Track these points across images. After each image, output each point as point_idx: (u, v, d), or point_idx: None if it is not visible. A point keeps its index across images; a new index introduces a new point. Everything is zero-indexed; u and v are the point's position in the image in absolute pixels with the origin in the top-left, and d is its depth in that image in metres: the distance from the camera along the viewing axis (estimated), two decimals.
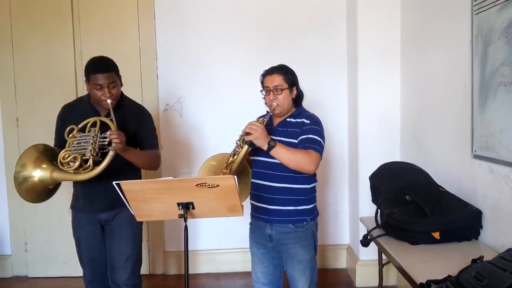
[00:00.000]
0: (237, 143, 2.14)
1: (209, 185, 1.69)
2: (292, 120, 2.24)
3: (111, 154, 2.09)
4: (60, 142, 2.28)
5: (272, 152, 2.05)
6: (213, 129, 3.68)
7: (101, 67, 2.19)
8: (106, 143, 2.11)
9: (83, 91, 3.43)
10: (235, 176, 1.66)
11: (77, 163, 2.10)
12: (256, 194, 2.25)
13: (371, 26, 3.26)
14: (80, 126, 2.19)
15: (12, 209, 3.71)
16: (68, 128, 2.19)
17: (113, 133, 2.08)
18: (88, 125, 2.19)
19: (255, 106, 2.57)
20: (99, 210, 2.33)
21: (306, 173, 2.14)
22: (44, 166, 2.11)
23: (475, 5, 2.15)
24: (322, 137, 2.19)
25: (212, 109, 3.68)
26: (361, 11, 3.27)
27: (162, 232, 3.73)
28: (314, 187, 2.28)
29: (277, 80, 2.19)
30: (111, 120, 2.15)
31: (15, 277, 3.76)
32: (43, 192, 2.17)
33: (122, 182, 1.74)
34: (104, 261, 2.40)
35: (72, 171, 2.10)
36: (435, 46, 2.69)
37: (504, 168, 1.95)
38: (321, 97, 3.59)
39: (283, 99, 2.19)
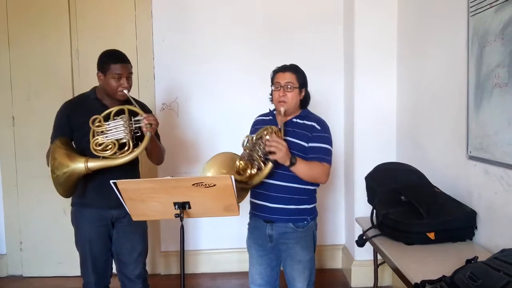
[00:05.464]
0: (257, 158, 2.10)
1: (206, 184, 1.69)
2: (299, 121, 2.24)
3: (148, 135, 2.19)
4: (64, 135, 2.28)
5: (293, 168, 2.07)
6: (210, 128, 3.68)
7: (121, 58, 2.28)
8: (139, 125, 2.22)
9: (79, 89, 3.44)
10: (232, 176, 1.66)
11: (115, 148, 2.18)
12: (257, 192, 2.24)
13: (368, 26, 3.27)
14: (103, 115, 2.23)
15: (7, 208, 3.69)
16: (92, 118, 2.21)
17: (149, 116, 2.22)
18: (112, 114, 2.23)
19: (252, 105, 2.58)
20: (113, 207, 2.26)
21: (318, 183, 2.22)
22: (76, 158, 2.17)
23: (471, 7, 2.16)
24: (331, 144, 2.23)
25: (209, 109, 3.68)
26: (358, 11, 3.28)
27: (158, 232, 3.72)
28: (316, 188, 2.30)
29: (289, 77, 2.19)
30: (135, 106, 2.25)
31: (10, 277, 3.74)
32: (75, 184, 2.23)
33: (118, 181, 1.73)
34: (106, 258, 2.40)
35: (108, 156, 2.17)
36: (431, 47, 2.70)
37: (498, 169, 1.96)
38: (318, 97, 3.56)
39: (292, 98, 2.18)
